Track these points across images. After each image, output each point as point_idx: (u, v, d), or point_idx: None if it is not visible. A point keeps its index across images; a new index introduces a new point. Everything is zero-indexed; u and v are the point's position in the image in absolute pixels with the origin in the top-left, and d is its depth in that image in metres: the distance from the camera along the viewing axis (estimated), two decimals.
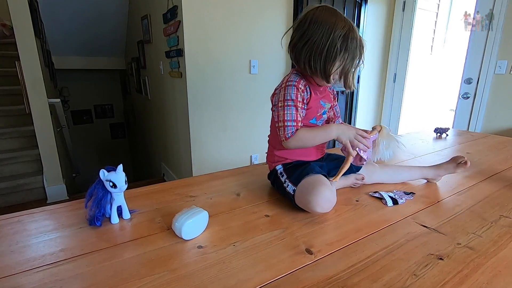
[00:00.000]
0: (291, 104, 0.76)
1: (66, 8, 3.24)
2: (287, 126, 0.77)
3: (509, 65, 2.26)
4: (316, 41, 0.72)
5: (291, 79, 0.78)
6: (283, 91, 0.78)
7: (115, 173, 0.67)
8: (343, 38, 0.71)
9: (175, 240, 0.63)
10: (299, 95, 0.77)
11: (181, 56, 2.10)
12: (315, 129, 0.80)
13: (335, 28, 0.71)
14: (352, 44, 0.72)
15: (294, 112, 0.76)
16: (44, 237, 0.65)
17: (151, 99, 3.21)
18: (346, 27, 0.72)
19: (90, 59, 4.17)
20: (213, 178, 1.02)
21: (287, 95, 0.77)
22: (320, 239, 0.65)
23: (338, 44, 0.71)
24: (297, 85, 0.77)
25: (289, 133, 0.76)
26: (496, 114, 2.39)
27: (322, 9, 0.75)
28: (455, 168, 0.91)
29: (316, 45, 0.73)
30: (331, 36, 0.71)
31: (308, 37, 0.73)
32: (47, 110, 2.31)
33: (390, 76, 3.14)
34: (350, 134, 0.76)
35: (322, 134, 0.78)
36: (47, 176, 2.39)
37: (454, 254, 0.59)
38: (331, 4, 2.56)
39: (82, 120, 4.97)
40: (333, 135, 0.77)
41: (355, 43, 0.72)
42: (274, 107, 0.81)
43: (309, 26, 0.73)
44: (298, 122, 0.77)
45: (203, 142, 2.27)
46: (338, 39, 0.71)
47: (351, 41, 0.72)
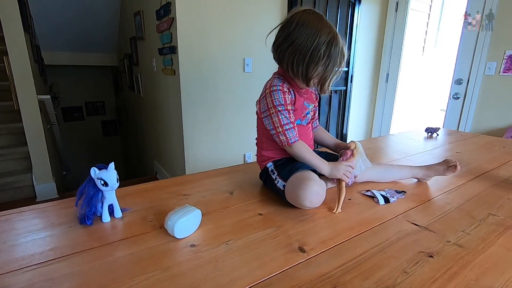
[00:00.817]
0: (282, 108, 0.78)
1: (56, 2, 3.17)
2: (287, 130, 0.78)
3: (498, 67, 2.31)
4: (301, 44, 0.73)
5: (274, 84, 0.79)
6: (269, 97, 0.79)
7: (106, 171, 0.66)
8: (327, 44, 0.73)
9: (167, 239, 0.63)
10: (287, 98, 0.78)
11: (174, 53, 2.08)
12: (315, 155, 0.81)
13: (320, 33, 0.72)
14: (335, 51, 0.74)
15: (287, 115, 0.78)
16: (33, 236, 0.63)
17: (143, 96, 3.17)
18: (331, 33, 0.73)
19: (81, 55, 4.09)
20: (206, 176, 1.01)
21: (276, 101, 0.78)
22: (313, 237, 0.65)
23: (322, 49, 0.72)
24: (282, 89, 0.78)
25: (291, 137, 0.79)
26: (485, 114, 2.44)
27: (309, 13, 0.75)
28: (445, 171, 0.93)
29: (300, 48, 0.74)
30: (316, 40, 0.72)
31: (293, 39, 0.74)
32: (36, 107, 2.26)
33: (383, 75, 3.17)
34: (341, 170, 0.80)
35: (317, 162, 0.80)
36: (36, 174, 2.35)
37: (444, 251, 0.60)
38: (325, 3, 2.58)
39: (73, 117, 4.89)
40: (324, 171, 0.80)
41: (338, 50, 0.74)
42: (263, 113, 0.82)
43: (295, 28, 0.74)
44: (294, 124, 0.80)
45: (196, 140, 2.26)
46: (323, 44, 0.72)
47: (334, 48, 0.73)
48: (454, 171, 0.91)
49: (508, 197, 0.87)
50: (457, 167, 0.90)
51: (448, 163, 0.92)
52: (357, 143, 0.87)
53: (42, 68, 3.31)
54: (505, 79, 2.29)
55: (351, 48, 2.85)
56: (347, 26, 2.78)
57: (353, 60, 2.91)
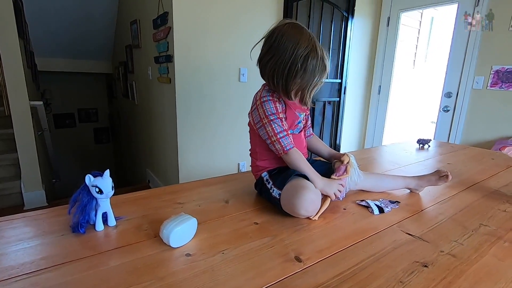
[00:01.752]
0: (275, 117, 0.79)
1: (52, 9, 3.18)
2: (282, 138, 0.79)
3: (486, 81, 2.39)
4: (280, 58, 0.75)
5: (264, 95, 0.81)
6: (260, 108, 0.80)
7: (101, 179, 0.65)
8: (304, 58, 0.73)
9: (162, 248, 0.62)
10: (278, 107, 0.80)
11: (170, 62, 2.10)
12: (310, 167, 0.82)
13: (298, 47, 0.73)
14: (311, 64, 0.74)
15: (280, 123, 0.79)
16: (23, 244, 0.62)
17: (138, 104, 3.16)
18: (309, 46, 0.74)
19: (75, 62, 4.08)
20: (201, 185, 1.01)
21: (267, 111, 0.79)
22: (309, 246, 0.65)
23: (299, 63, 0.73)
24: (272, 99, 0.80)
25: (286, 144, 0.79)
26: (475, 127, 2.50)
27: (289, 26, 0.77)
28: (437, 181, 0.94)
29: (279, 62, 0.75)
30: (293, 54, 0.73)
31: (273, 53, 0.76)
32: (28, 113, 2.23)
33: (375, 87, 3.23)
34: (333, 188, 0.81)
35: (311, 175, 0.80)
36: (25, 182, 2.29)
37: (438, 261, 0.61)
38: (319, 18, 2.65)
39: (64, 124, 4.83)
40: (317, 183, 0.80)
41: (315, 63, 0.74)
42: (257, 125, 0.83)
43: (275, 42, 0.76)
44: (287, 131, 0.81)
45: (190, 148, 2.25)
46: (299, 58, 0.73)
47: (311, 61, 0.74)
48: (446, 181, 0.93)
49: (499, 207, 0.89)
50: (448, 176, 0.92)
51: (440, 173, 0.94)
52: (350, 157, 0.88)
53: (35, 74, 3.29)
54: (493, 93, 2.36)
55: (344, 60, 2.91)
56: (341, 39, 2.85)
57: (346, 72, 2.97)
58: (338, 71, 2.94)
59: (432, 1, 2.69)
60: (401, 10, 2.92)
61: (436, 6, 2.80)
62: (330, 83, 2.92)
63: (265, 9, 2.34)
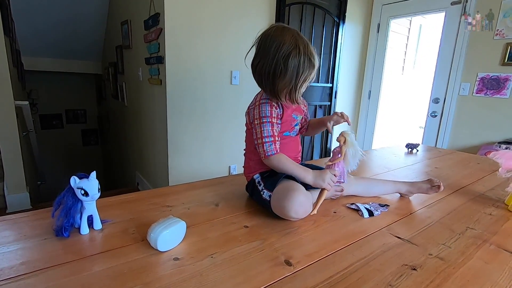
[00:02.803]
0: (267, 120, 0.79)
1: (40, 6, 3.10)
2: (265, 143, 0.79)
3: (471, 88, 2.45)
4: (265, 61, 0.76)
5: (264, 97, 0.81)
6: (257, 109, 0.80)
7: (87, 180, 0.63)
8: (285, 57, 0.73)
9: (149, 252, 0.60)
10: (273, 112, 0.80)
11: (161, 63, 2.07)
12: (297, 165, 0.81)
13: (280, 47, 0.74)
14: (292, 63, 0.74)
15: (270, 128, 0.79)
16: (2, 249, 0.59)
17: (128, 105, 3.12)
18: (291, 45, 0.74)
19: (63, 62, 4.00)
20: (190, 187, 0.99)
21: (262, 112, 0.80)
22: (299, 250, 0.64)
23: (282, 63, 0.74)
24: (270, 102, 0.80)
25: (268, 150, 0.79)
26: (461, 132, 2.56)
27: (275, 29, 0.78)
28: (428, 190, 0.94)
29: (265, 65, 0.76)
30: (276, 56, 0.74)
31: (260, 57, 0.78)
32: (13, 113, 2.16)
33: (365, 92, 3.28)
34: (326, 179, 0.79)
35: (300, 173, 0.80)
36: (8, 184, 2.22)
37: (426, 264, 0.61)
38: (311, 22, 2.67)
39: (51, 125, 4.71)
40: (308, 179, 0.79)
41: (297, 61, 0.74)
42: (251, 124, 0.83)
43: (261, 46, 0.77)
44: (275, 137, 0.80)
45: (180, 151, 2.23)
46: (282, 58, 0.74)
47: (292, 59, 0.73)
48: (437, 191, 0.93)
49: (484, 211, 0.91)
50: (440, 187, 0.92)
51: (432, 182, 0.94)
52: (347, 136, 0.82)
53: (21, 73, 3.20)
54: (478, 100, 2.43)
55: (335, 65, 2.95)
56: (332, 44, 2.89)
57: (337, 76, 3.00)
58: (329, 75, 2.97)
59: (420, 9, 2.76)
60: (391, 17, 2.98)
61: (425, 14, 2.87)
62: (321, 87, 2.94)
63: (258, 13, 2.34)
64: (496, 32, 2.27)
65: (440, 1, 2.58)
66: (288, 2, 2.47)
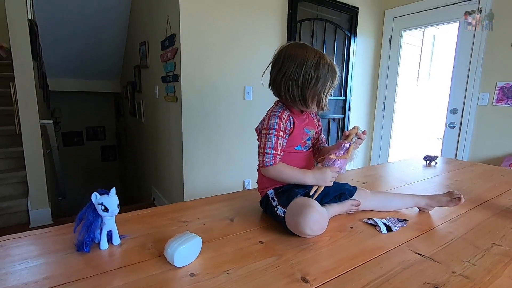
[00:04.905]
0: (273, 132, 0.81)
1: (66, 32, 3.32)
2: (266, 154, 0.81)
3: (491, 97, 2.38)
4: (291, 73, 0.80)
5: (275, 110, 0.84)
6: (267, 120, 0.83)
7: (107, 196, 0.66)
8: (315, 66, 0.79)
9: (166, 268, 0.61)
10: (281, 125, 0.81)
11: (177, 81, 2.15)
12: (295, 169, 0.83)
13: (307, 59, 0.79)
14: (323, 70, 0.80)
15: (274, 140, 0.81)
16: (28, 263, 0.62)
17: (144, 122, 3.21)
18: (316, 56, 0.80)
19: (85, 82, 4.20)
20: (206, 203, 1.00)
21: (270, 124, 0.82)
22: (316, 266, 0.63)
23: (312, 71, 0.79)
24: (280, 115, 0.82)
25: (267, 161, 0.81)
26: (482, 143, 2.47)
27: (292, 46, 0.83)
28: (448, 202, 0.91)
29: (292, 76, 0.80)
30: (304, 65, 0.79)
31: (284, 71, 0.81)
32: (38, 132, 2.28)
33: (380, 104, 3.25)
34: (327, 179, 0.81)
35: (299, 176, 0.81)
36: (32, 200, 2.31)
37: (450, 283, 0.59)
38: (323, 37, 2.71)
39: (72, 142, 4.91)
40: (308, 181, 0.81)
41: (326, 68, 0.80)
42: (260, 134, 0.86)
43: (284, 62, 0.81)
44: (277, 151, 0.81)
45: (195, 166, 2.26)
46: (311, 67, 0.79)
47: (322, 67, 0.79)
48: (457, 204, 0.90)
49: (511, 226, 0.86)
50: (461, 199, 0.88)
51: (452, 195, 0.91)
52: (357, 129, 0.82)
53: (46, 94, 3.39)
54: (499, 109, 2.35)
55: (348, 78, 2.95)
56: (344, 57, 2.90)
57: (350, 89, 3.00)
58: (342, 88, 2.97)
59: (433, 20, 2.75)
60: (403, 29, 2.98)
61: (438, 25, 2.85)
62: (334, 100, 2.94)
63: (270, 29, 2.41)
64: None
65: (453, 12, 2.57)
66: (299, 18, 2.53)
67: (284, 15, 2.46)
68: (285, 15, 2.46)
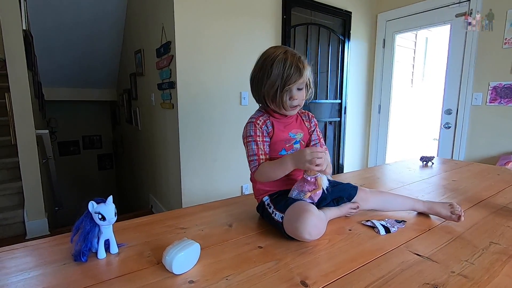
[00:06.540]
0: (251, 140, 0.83)
1: (61, 41, 3.32)
2: (250, 161, 0.83)
3: (484, 97, 2.41)
4: (255, 69, 0.83)
5: (251, 117, 0.86)
6: (244, 129, 0.85)
7: (104, 205, 0.65)
8: (272, 62, 0.78)
9: (165, 275, 0.61)
10: (257, 130, 0.83)
11: (173, 88, 2.15)
12: (275, 161, 0.81)
13: (269, 56, 0.79)
14: (277, 67, 0.77)
15: (254, 147, 0.82)
16: (24, 275, 0.61)
17: (141, 129, 3.21)
18: (279, 54, 0.79)
19: (81, 91, 4.20)
20: (204, 209, 1.00)
21: (247, 132, 0.84)
22: (315, 270, 0.63)
23: (269, 68, 0.78)
24: (255, 122, 0.84)
25: (252, 167, 0.83)
26: (477, 143, 2.49)
27: (271, 47, 0.84)
28: (446, 216, 0.87)
29: (253, 76, 0.83)
30: (264, 62, 0.80)
31: (252, 73, 0.85)
32: (33, 142, 2.27)
33: (375, 107, 3.27)
34: (304, 158, 0.73)
35: (279, 167, 0.79)
36: (28, 210, 2.29)
37: (449, 283, 0.59)
38: (317, 41, 2.74)
39: (69, 151, 4.88)
40: (289, 166, 0.78)
41: (282, 66, 0.77)
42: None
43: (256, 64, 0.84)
44: (259, 156, 0.82)
45: (193, 173, 2.25)
46: (269, 64, 0.79)
47: (277, 63, 0.78)
48: (456, 221, 0.85)
49: (508, 224, 0.87)
50: (461, 218, 0.84)
51: (453, 209, 0.86)
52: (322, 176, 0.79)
53: (42, 104, 3.37)
54: (493, 109, 2.38)
55: (343, 81, 2.97)
56: (338, 61, 2.93)
57: (345, 92, 3.02)
58: (338, 92, 3.00)
59: (425, 23, 2.79)
60: (396, 32, 3.02)
61: (430, 28, 2.90)
62: (330, 103, 2.96)
63: (264, 35, 2.43)
64: (505, 41, 2.26)
65: (445, 14, 2.61)
66: (293, 24, 2.56)
67: (278, 20, 2.48)
68: (279, 20, 2.48)
